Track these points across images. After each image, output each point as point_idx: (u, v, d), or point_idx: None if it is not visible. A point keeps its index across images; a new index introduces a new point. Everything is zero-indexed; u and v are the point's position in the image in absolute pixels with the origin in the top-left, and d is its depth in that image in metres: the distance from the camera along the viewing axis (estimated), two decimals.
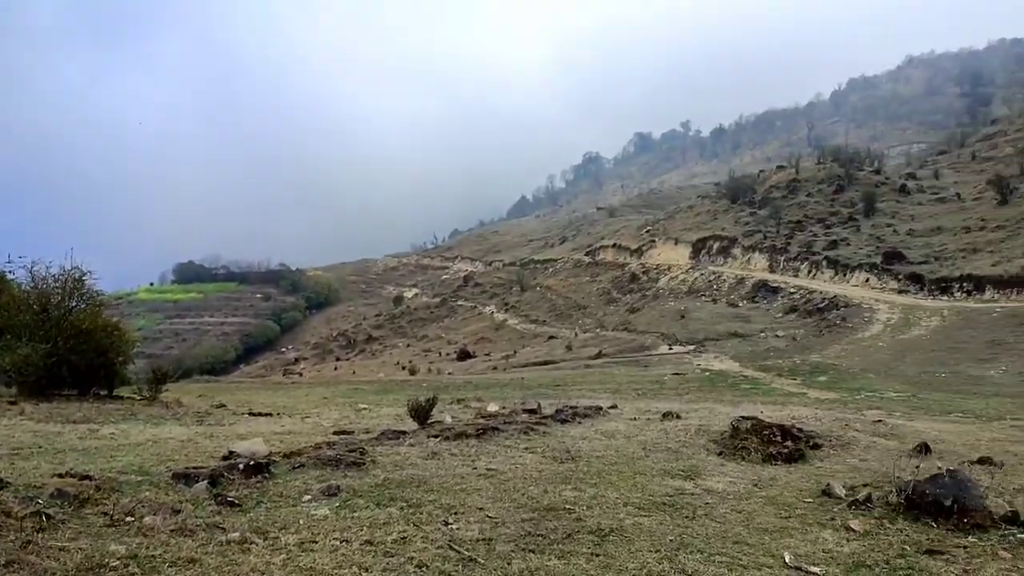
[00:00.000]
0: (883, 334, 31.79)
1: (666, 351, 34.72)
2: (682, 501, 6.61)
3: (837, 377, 22.93)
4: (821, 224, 55.01)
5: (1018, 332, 27.37)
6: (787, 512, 6.43)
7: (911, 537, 5.81)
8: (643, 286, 58.52)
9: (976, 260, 39.65)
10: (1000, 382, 21.09)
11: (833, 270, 46.75)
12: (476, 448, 8.50)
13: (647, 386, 21.42)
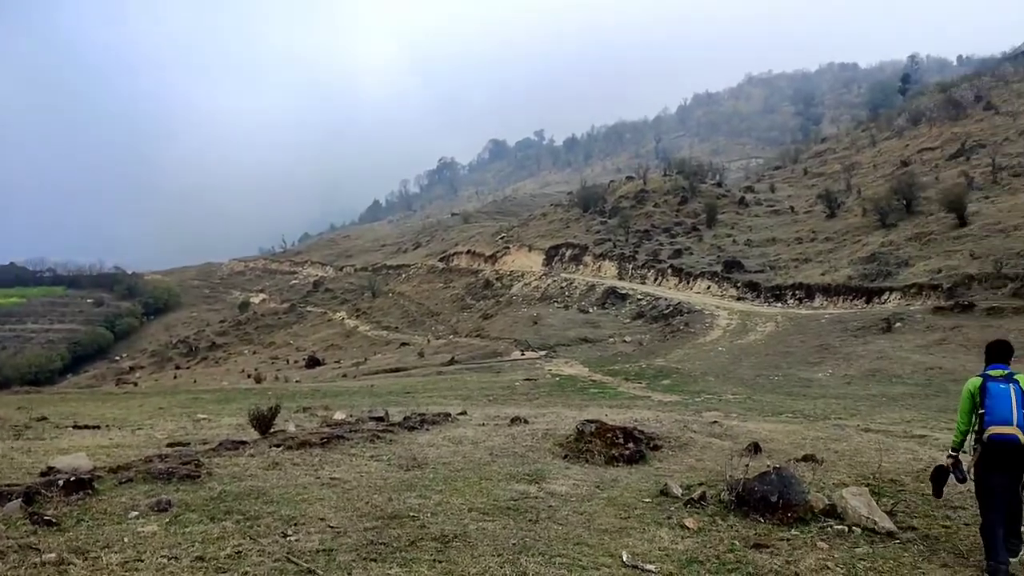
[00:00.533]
0: (723, 339, 33.45)
1: (518, 357, 35.18)
2: (526, 505, 6.71)
3: (680, 380, 23.92)
4: (667, 233, 57.35)
5: (843, 337, 29.45)
6: (627, 512, 6.65)
7: (740, 532, 6.14)
8: (497, 292, 59.13)
9: (807, 269, 42.41)
10: (826, 384, 22.59)
11: (678, 278, 48.78)
12: (320, 457, 8.32)
13: (498, 392, 21.62)
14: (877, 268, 37.04)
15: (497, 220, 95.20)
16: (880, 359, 25.33)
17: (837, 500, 6.62)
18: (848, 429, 11.88)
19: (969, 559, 5.67)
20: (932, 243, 37.74)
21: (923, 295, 32.46)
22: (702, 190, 64.78)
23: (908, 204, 44.20)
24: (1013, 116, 58.53)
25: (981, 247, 33.81)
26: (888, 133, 76.45)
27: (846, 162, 69.39)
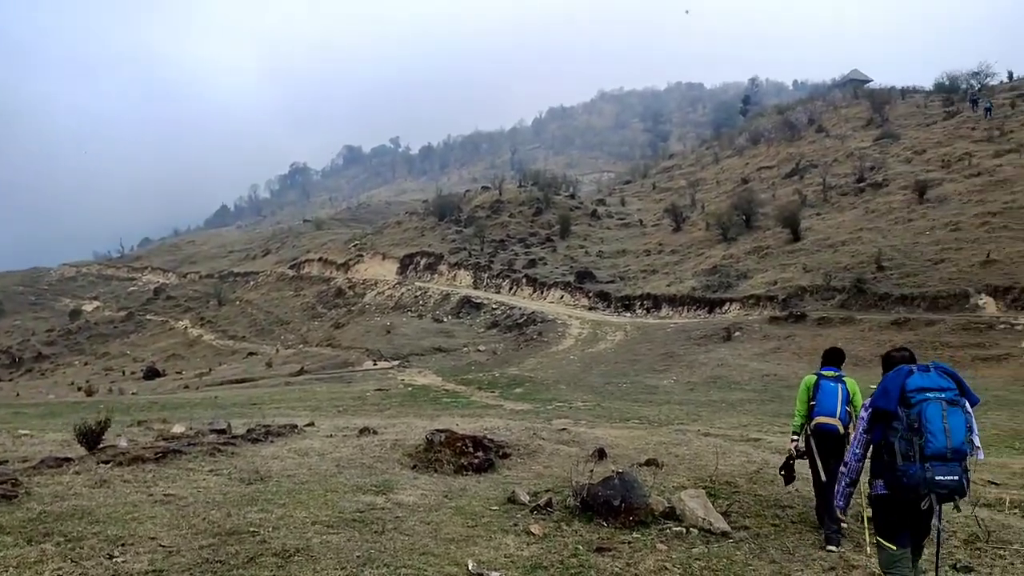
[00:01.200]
0: (575, 347, 34.24)
1: (371, 366, 34.75)
2: (372, 516, 6.63)
3: (532, 389, 24.29)
4: (522, 244, 58.20)
5: (687, 346, 30.78)
6: (474, 521, 6.69)
7: (584, 537, 6.29)
8: (349, 301, 58.18)
9: (654, 280, 44.07)
10: (671, 391, 23.53)
11: (532, 287, 49.59)
12: (154, 473, 7.91)
13: (349, 402, 21.28)
14: (719, 280, 38.95)
15: (351, 227, 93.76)
16: (721, 366, 26.64)
17: (676, 503, 6.90)
18: (689, 434, 12.40)
19: (795, 555, 6.04)
20: (769, 257, 40.04)
21: (760, 306, 34.38)
22: (556, 202, 66.11)
23: (748, 219, 46.74)
24: (841, 139, 62.94)
25: (812, 261, 36.16)
26: (730, 151, 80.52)
27: (691, 178, 72.58)
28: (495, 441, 9.81)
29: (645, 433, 12.18)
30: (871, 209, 41.72)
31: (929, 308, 28.25)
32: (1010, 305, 26.81)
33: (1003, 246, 30.21)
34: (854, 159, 52.75)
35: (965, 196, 37.86)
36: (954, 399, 4.38)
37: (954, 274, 29.61)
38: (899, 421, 4.36)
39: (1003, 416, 15.63)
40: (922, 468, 4.23)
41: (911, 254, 32.70)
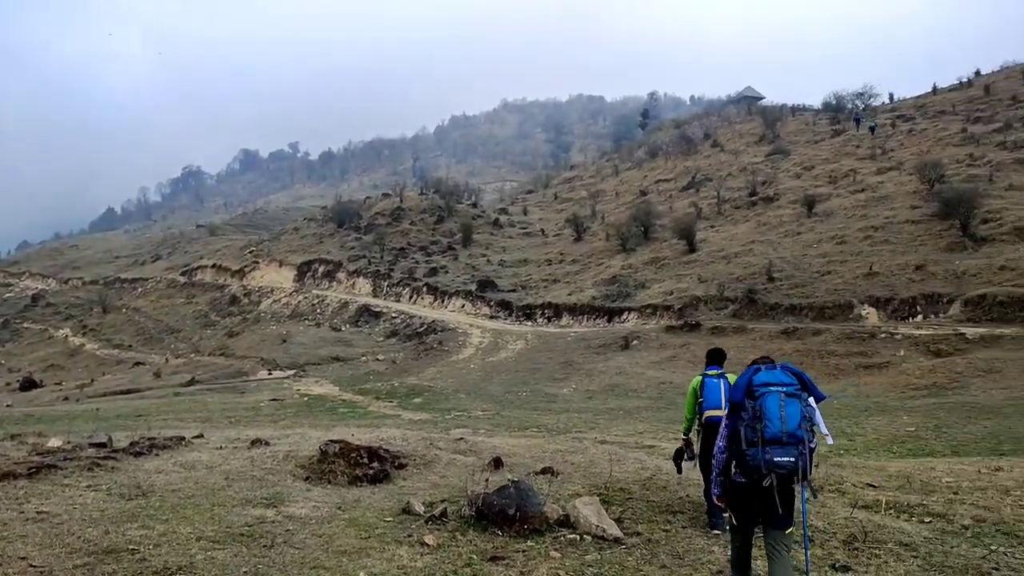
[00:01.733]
0: (475, 356, 34.25)
1: (266, 376, 33.93)
2: (262, 530, 6.46)
3: (431, 398, 24.19)
4: (423, 252, 57.94)
5: (586, 354, 31.21)
6: (367, 532, 6.59)
7: (479, 546, 6.27)
8: (244, 309, 56.68)
9: (555, 289, 44.54)
10: (570, 399, 23.82)
11: (433, 296, 49.40)
12: (26, 489, 7.50)
13: (241, 413, 20.72)
14: (618, 289, 39.67)
15: (247, 233, 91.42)
16: (619, 374, 27.12)
17: (571, 510, 6.97)
18: (586, 442, 12.57)
19: (685, 559, 6.18)
20: (666, 267, 41.05)
21: (657, 315, 35.18)
22: (458, 210, 66.14)
23: (646, 231, 47.82)
24: (735, 154, 65.17)
25: (707, 272, 37.25)
26: (629, 164, 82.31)
27: (592, 189, 73.73)
28: (391, 451, 9.71)
29: (543, 442, 12.27)
30: (763, 222, 43.32)
31: (816, 318, 29.46)
32: (890, 315, 28.23)
33: (884, 259, 31.81)
34: (747, 173, 54.70)
35: (850, 211, 39.73)
36: (794, 393, 4.93)
37: (839, 285, 30.99)
38: (746, 411, 4.95)
39: (883, 421, 16.40)
40: (763, 451, 4.79)
41: (800, 266, 34.07)
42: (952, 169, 39.98)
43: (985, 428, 15.01)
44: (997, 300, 25.58)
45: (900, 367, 22.83)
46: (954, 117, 53.74)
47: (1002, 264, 27.93)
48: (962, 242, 31.20)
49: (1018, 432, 14.45)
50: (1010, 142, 42.42)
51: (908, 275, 29.92)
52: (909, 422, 16.05)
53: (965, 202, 32.19)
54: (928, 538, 6.75)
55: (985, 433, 14.55)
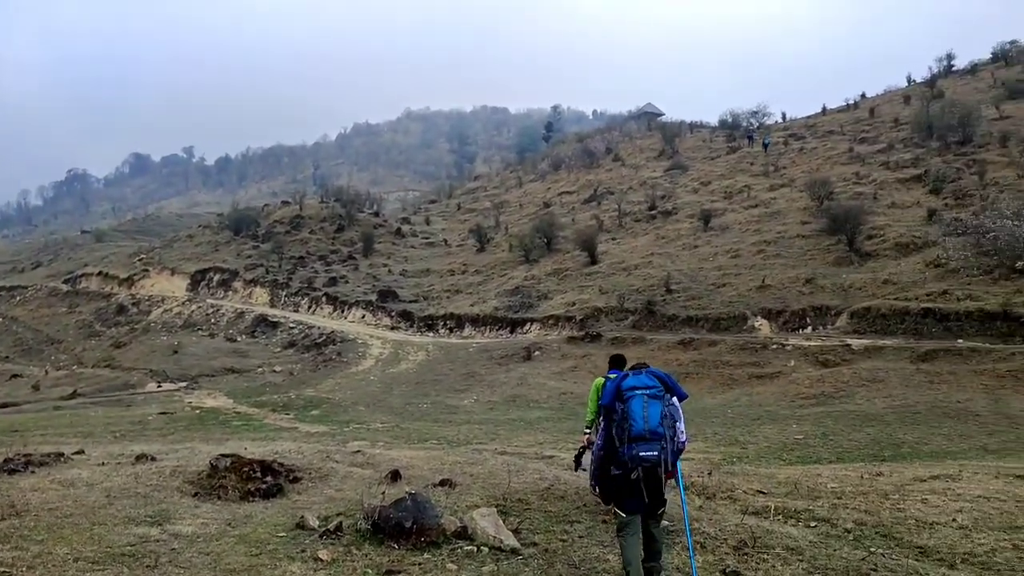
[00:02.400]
0: (375, 368, 33.86)
1: (155, 389, 32.71)
2: (145, 550, 6.20)
3: (329, 410, 23.79)
4: (322, 261, 57.03)
5: (488, 365, 31.27)
6: (259, 549, 6.41)
7: (374, 560, 6.18)
8: (132, 319, 54.47)
9: (458, 300, 44.48)
10: (471, 410, 23.80)
11: (333, 306, 48.62)
12: None
13: (127, 428, 19.91)
14: (521, 300, 39.93)
15: (137, 240, 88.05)
16: (520, 385, 27.27)
17: (468, 522, 6.94)
18: (486, 453, 12.57)
19: (581, 568, 6.23)
20: (568, 278, 41.55)
21: (559, 326, 35.55)
22: (360, 219, 65.41)
23: (549, 242, 48.32)
24: (636, 168, 66.61)
25: (608, 283, 37.88)
26: (533, 176, 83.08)
27: (496, 200, 74.12)
28: (285, 465, 9.47)
29: (442, 453, 12.21)
30: (662, 235, 44.40)
31: (712, 329, 30.31)
32: (781, 327, 29.29)
33: (776, 272, 33.02)
34: (647, 188, 56.01)
35: (744, 226, 41.13)
36: (656, 394, 5.69)
37: (734, 297, 31.99)
38: (616, 413, 5.69)
39: (774, 430, 16.98)
40: (630, 447, 5.54)
41: (696, 278, 35.03)
42: (840, 187, 41.88)
43: (868, 435, 15.72)
44: (880, 313, 26.85)
45: (790, 377, 23.69)
46: (842, 137, 56.31)
47: (885, 278, 29.36)
48: (848, 257, 32.68)
49: (898, 439, 15.19)
50: (892, 162, 44.72)
51: (798, 288, 31.12)
52: (798, 430, 16.66)
53: (851, 219, 33.75)
54: (813, 542, 7.02)
55: (868, 440, 15.24)
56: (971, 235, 28.71)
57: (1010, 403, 18.15)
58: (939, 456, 13.21)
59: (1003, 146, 40.63)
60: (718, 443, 15.70)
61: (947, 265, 28.45)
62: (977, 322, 24.29)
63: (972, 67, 67.45)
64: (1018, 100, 50.37)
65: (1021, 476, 9.73)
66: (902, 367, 22.11)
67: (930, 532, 7.44)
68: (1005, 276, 26.24)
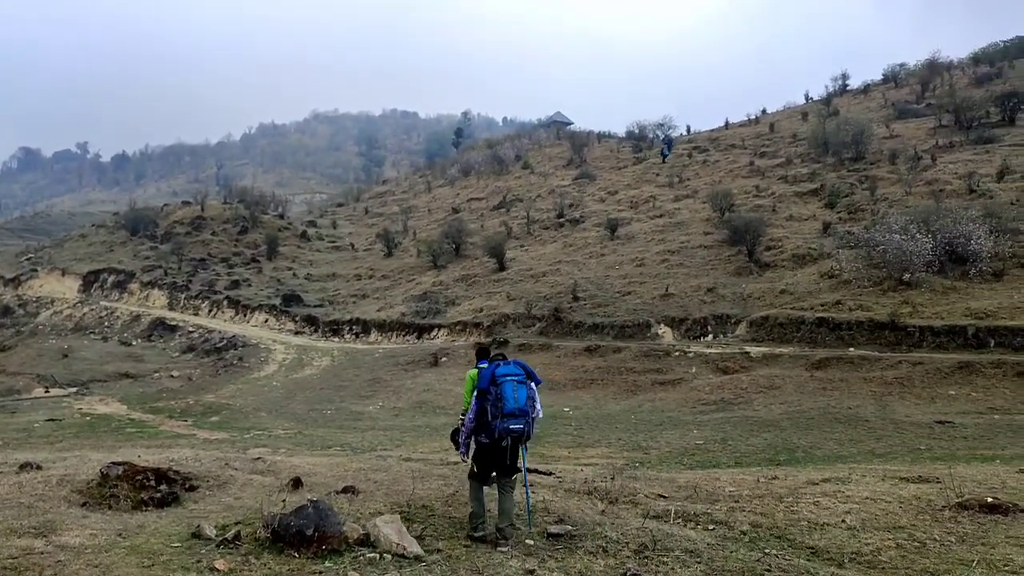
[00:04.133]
0: (278, 373, 33.20)
1: (42, 394, 31.24)
2: (28, 562, 5.91)
3: (229, 417, 23.18)
4: (225, 264, 55.63)
5: (394, 371, 31.01)
6: (151, 560, 6.19)
7: (274, 569, 6.05)
8: (19, 320, 51.87)
9: (364, 305, 44.01)
10: (376, 416, 23.56)
11: (234, 310, 47.44)
12: None
13: (11, 435, 18.95)
14: (428, 306, 39.75)
15: (25, 239, 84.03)
16: (427, 391, 27.14)
17: (371, 529, 6.86)
18: (390, 460, 12.46)
19: (484, 573, 6.24)
20: (476, 284, 41.62)
21: (467, 332, 35.55)
22: (264, 221, 64.06)
23: (457, 248, 48.31)
24: (544, 176, 67.21)
25: (516, 290, 38.10)
26: (442, 181, 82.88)
27: (404, 205, 73.69)
28: (181, 473, 9.19)
29: (346, 460, 12.05)
30: (569, 243, 44.93)
31: (617, 336, 30.82)
32: (684, 335, 30.01)
33: (679, 281, 33.84)
34: (555, 196, 56.56)
35: (649, 235, 42.02)
36: (521, 380, 7.13)
37: (639, 305, 32.63)
38: (490, 395, 7.07)
39: (675, 435, 17.37)
40: (503, 422, 6.97)
41: (603, 286, 35.58)
42: (741, 199, 43.20)
43: (765, 440, 16.24)
44: (777, 321, 27.81)
45: (692, 383, 24.28)
46: (743, 151, 58.04)
47: (782, 288, 30.42)
48: (748, 267, 33.74)
49: (793, 444, 15.75)
50: (791, 176, 46.40)
51: (700, 297, 31.97)
52: (699, 435, 17.09)
53: (751, 230, 34.84)
54: (711, 544, 7.20)
55: (764, 445, 15.74)
56: (863, 248, 29.97)
57: (896, 409, 19.04)
58: (831, 460, 13.74)
59: (892, 163, 42.62)
60: (622, 448, 15.96)
61: (840, 276, 29.67)
62: (867, 331, 25.42)
63: (865, 87, 70.85)
64: (906, 119, 53.11)
65: (905, 478, 10.20)
66: (797, 374, 22.93)
67: (821, 533, 7.73)
68: (893, 288, 27.55)
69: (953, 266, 28.00)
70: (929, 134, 48.09)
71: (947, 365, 21.35)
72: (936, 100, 54.03)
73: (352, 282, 50.02)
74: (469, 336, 34.96)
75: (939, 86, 59.89)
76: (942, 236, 28.13)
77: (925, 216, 29.62)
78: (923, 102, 57.37)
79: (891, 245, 27.85)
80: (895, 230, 28.34)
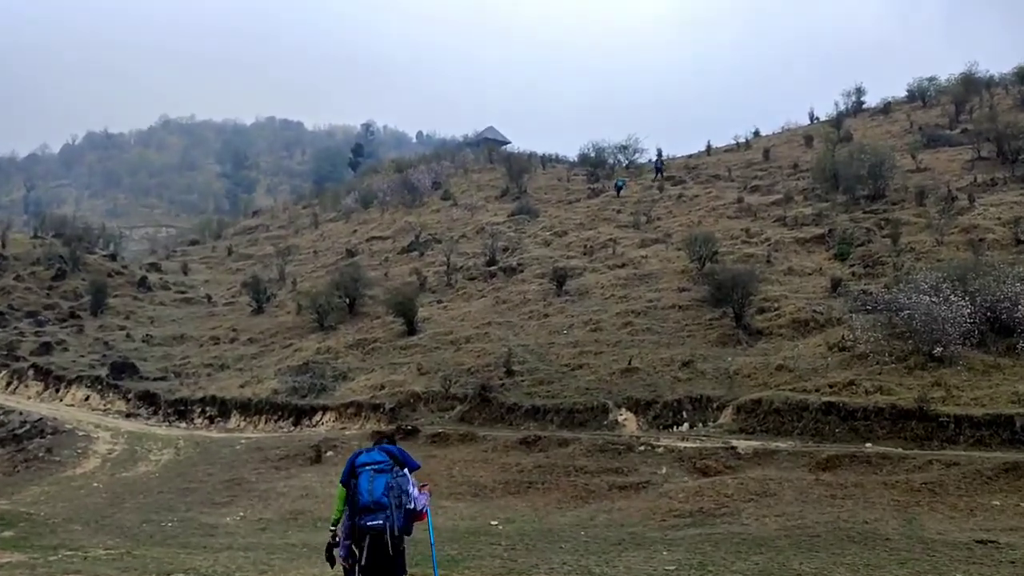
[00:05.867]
0: (102, 470, 32.30)
1: None
2: None
3: (30, 531, 22.41)
4: (32, 319, 54.23)
5: (261, 469, 30.43)
6: None
7: None
8: None
9: (223, 379, 43.26)
10: (235, 531, 23.04)
11: (44, 383, 46.12)
12: None
13: None
14: (310, 381, 39.32)
15: None
16: (305, 497, 26.68)
17: None
18: None
19: None
20: (377, 353, 41.40)
21: (363, 416, 35.21)
22: (89, 263, 63.10)
23: (352, 303, 48.15)
24: (472, 210, 67.72)
25: (430, 360, 37.99)
26: (334, 214, 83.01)
27: (282, 244, 73.43)
28: None
29: None
30: (503, 299, 45.15)
31: (564, 424, 30.85)
32: (651, 423, 30.17)
33: (646, 352, 34.16)
34: (486, 236, 56.87)
35: (608, 290, 42.52)
36: (383, 468, 8.03)
37: (592, 383, 32.76)
38: (350, 488, 8.05)
39: (638, 558, 17.33)
40: (360, 518, 7.89)
41: (546, 357, 35.74)
42: (726, 246, 44.13)
43: (756, 565, 16.30)
44: (773, 407, 28.16)
45: (661, 488, 24.32)
46: (729, 183, 59.53)
47: (779, 363, 30.90)
48: (735, 335, 34.29)
49: (792, 569, 15.85)
50: (790, 218, 47.59)
51: (673, 373, 32.28)
52: (669, 559, 17.08)
53: (740, 287, 35.39)
54: None
55: (756, 572, 15.81)
56: (882, 313, 30.69)
57: (925, 524, 19.32)
58: None
59: (920, 204, 44.05)
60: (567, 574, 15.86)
61: (854, 349, 30.28)
62: (888, 421, 25.87)
63: (885, 106, 73.45)
64: (937, 148, 55.07)
65: None
66: (799, 477, 23.17)
67: None
68: (921, 365, 28.15)
69: (996, 338, 28.75)
70: (966, 168, 49.82)
71: (990, 467, 21.78)
72: (974, 125, 56.06)
73: (207, 347, 49.31)
74: (365, 423, 34.64)
75: (977, 107, 62.36)
76: (982, 299, 28.90)
77: (961, 273, 30.42)
78: (957, 127, 59.67)
79: (919, 310, 28.50)
80: (924, 290, 29.02)
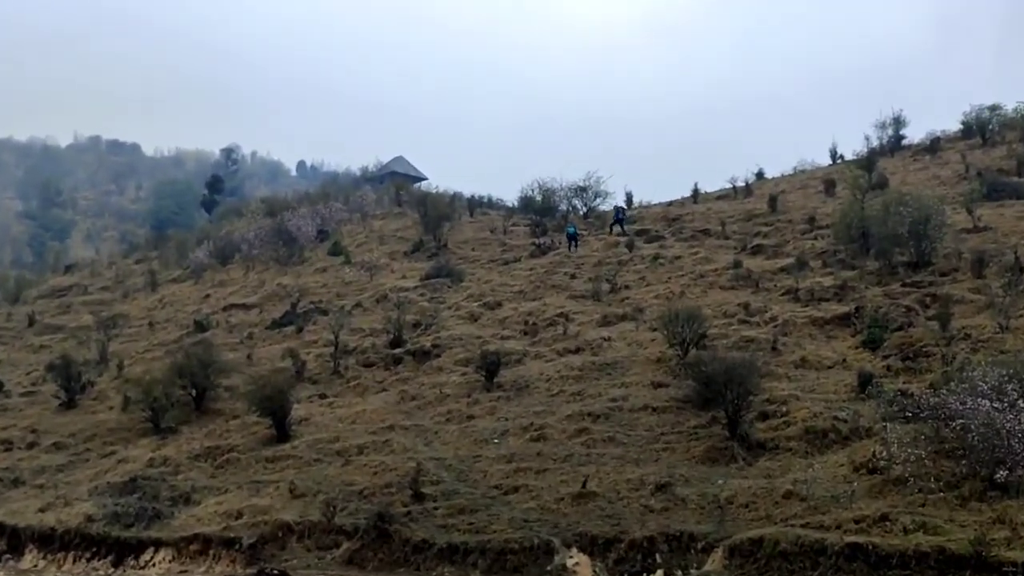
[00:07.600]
0: None
1: None
2: None
3: None
4: None
5: None
6: None
7: None
8: None
9: (15, 500, 42.33)
10: None
11: None
12: None
13: None
14: (139, 505, 38.68)
15: None
16: None
17: None
18: None
19: None
20: (233, 466, 40.89)
21: (210, 555, 34.73)
22: None
23: (200, 397, 47.71)
24: (372, 271, 67.44)
25: (308, 478, 37.57)
26: (180, 272, 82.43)
27: (105, 313, 72.55)
28: None
29: None
30: (411, 394, 44.91)
31: (492, 569, 30.63)
32: (612, 569, 29.97)
33: (607, 470, 34.01)
34: (390, 307, 56.70)
35: (556, 384, 42.43)
36: None
37: (532, 513, 32.58)
38: None
39: None
40: None
41: (469, 475, 35.51)
42: (718, 327, 44.31)
43: None
44: (779, 549, 28.10)
45: None
46: (723, 241, 59.87)
47: (788, 489, 30.90)
48: (729, 449, 34.32)
49: None
50: (804, 290, 47.85)
51: (644, 500, 32.19)
52: None
53: (736, 383, 35.42)
54: None
55: None
56: (927, 422, 30.85)
57: None
58: None
59: (978, 275, 44.43)
60: None
61: (888, 471, 30.32)
62: (935, 569, 25.96)
63: (932, 142, 74.09)
64: (1001, 201, 55.76)
65: None
66: None
67: None
68: (979, 494, 28.12)
69: None
70: None
71: None
72: None
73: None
74: (214, 564, 34.18)
75: None
76: None
77: None
78: None
79: (976, 419, 28.60)
80: (983, 392, 29.15)
